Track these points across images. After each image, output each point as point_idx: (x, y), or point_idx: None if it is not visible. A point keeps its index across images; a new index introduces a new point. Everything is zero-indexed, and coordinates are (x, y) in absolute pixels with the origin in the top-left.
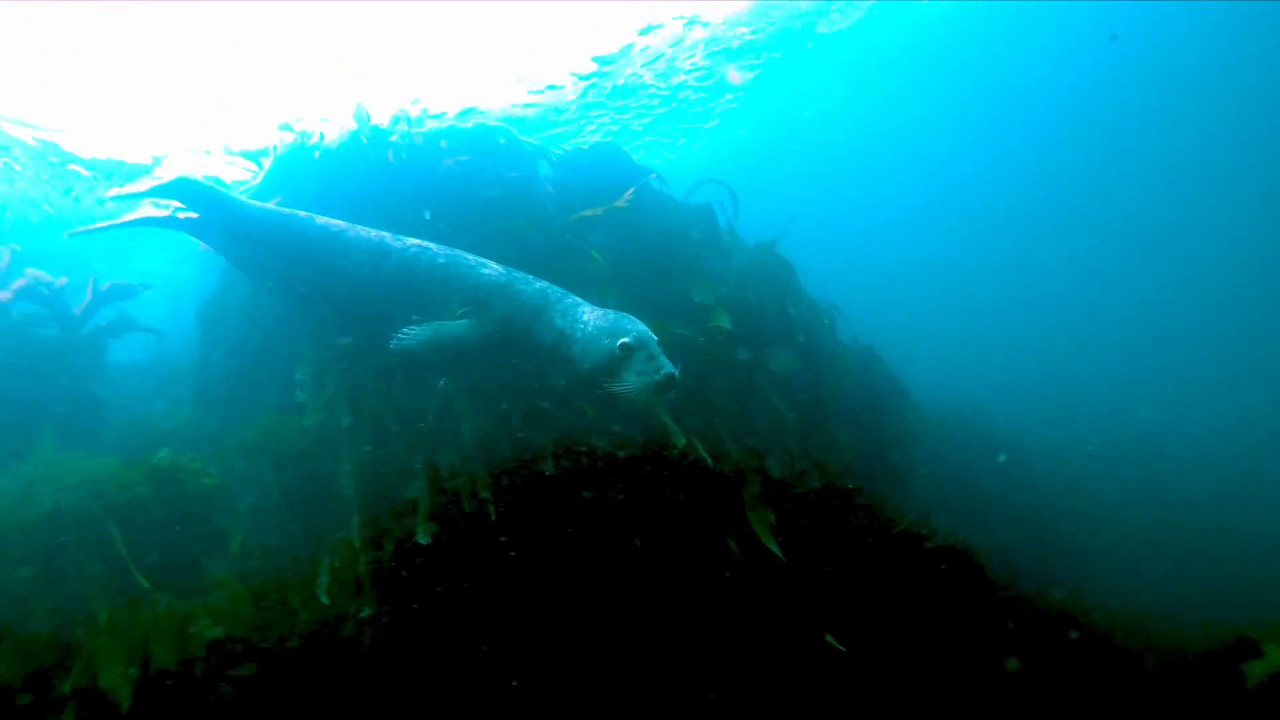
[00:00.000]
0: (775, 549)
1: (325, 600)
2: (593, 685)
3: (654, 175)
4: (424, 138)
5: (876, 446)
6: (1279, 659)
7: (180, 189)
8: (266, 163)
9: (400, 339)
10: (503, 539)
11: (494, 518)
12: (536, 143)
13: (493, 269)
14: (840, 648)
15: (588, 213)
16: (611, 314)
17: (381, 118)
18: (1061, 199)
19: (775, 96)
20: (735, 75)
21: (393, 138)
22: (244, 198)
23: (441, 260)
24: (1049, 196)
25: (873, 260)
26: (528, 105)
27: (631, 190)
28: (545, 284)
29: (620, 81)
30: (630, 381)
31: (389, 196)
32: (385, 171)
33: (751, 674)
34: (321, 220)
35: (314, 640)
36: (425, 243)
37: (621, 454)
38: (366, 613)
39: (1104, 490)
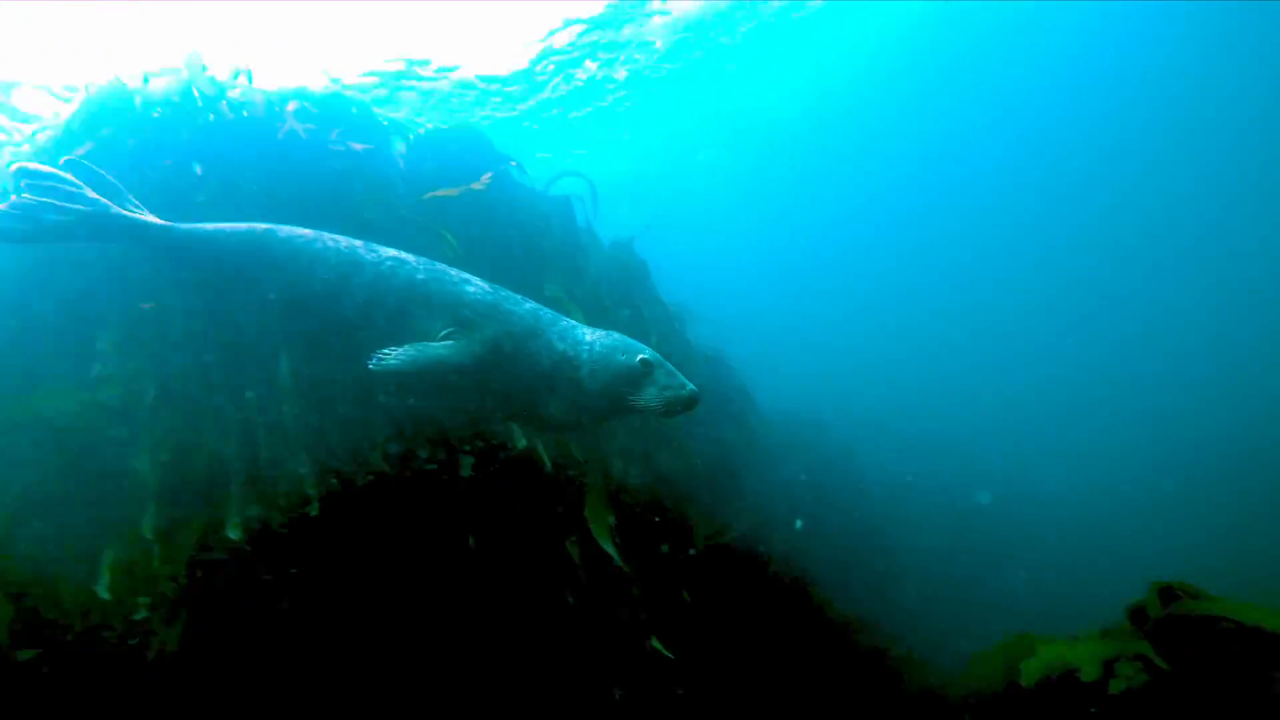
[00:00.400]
0: (613, 551)
1: (106, 596)
2: (417, 692)
3: (514, 163)
4: (267, 97)
5: (719, 452)
6: (1048, 657)
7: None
8: (71, 105)
9: (381, 358)
10: (326, 536)
11: (316, 513)
12: (394, 117)
13: (477, 286)
14: (668, 654)
15: (441, 192)
16: (614, 334)
17: (222, 72)
18: (934, 217)
19: (648, 104)
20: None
21: (232, 92)
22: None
23: (421, 276)
24: (924, 216)
25: (738, 272)
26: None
27: (489, 174)
28: (534, 304)
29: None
30: (653, 396)
31: (222, 159)
32: (220, 130)
33: (580, 677)
34: (285, 231)
35: (90, 646)
36: (402, 254)
37: (459, 452)
38: (142, 615)
39: (929, 508)
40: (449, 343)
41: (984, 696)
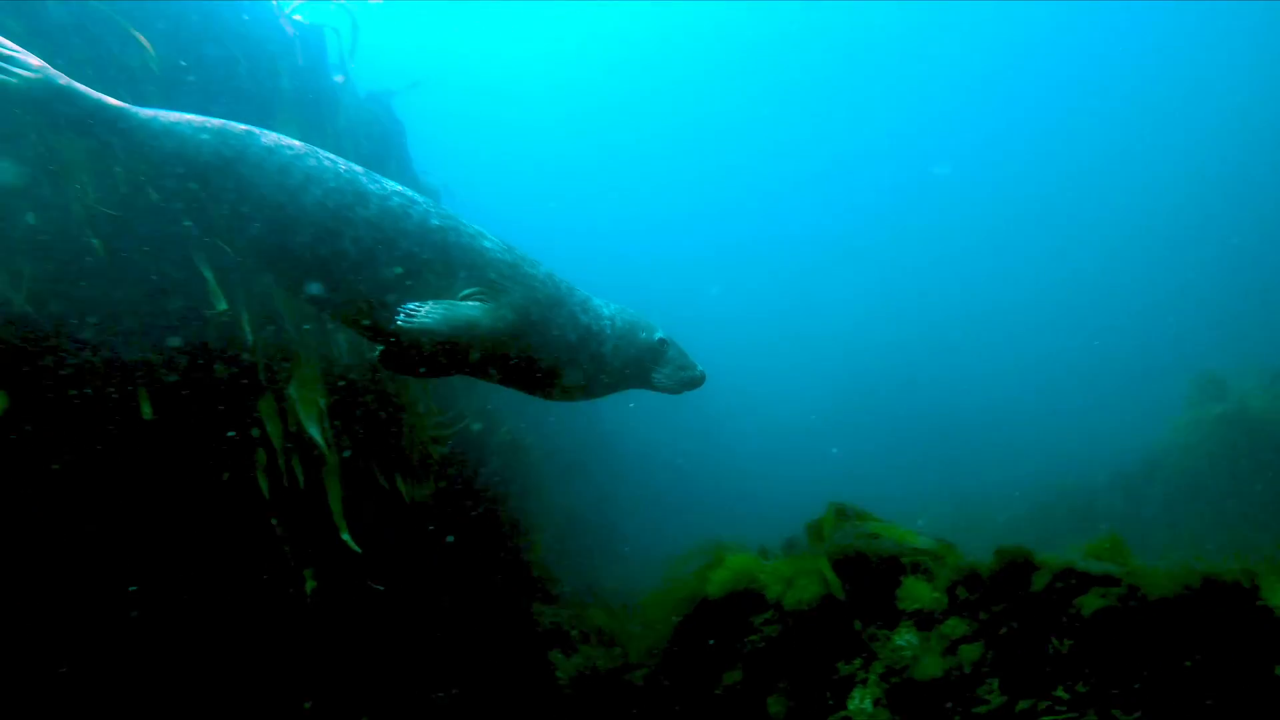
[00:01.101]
0: (318, 436)
1: None
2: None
3: None
4: None
5: None
6: (735, 567)
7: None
8: None
9: (411, 314)
10: None
11: None
12: None
13: (493, 241)
14: (356, 549)
15: None
16: (627, 307)
17: None
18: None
19: None
20: None
21: None
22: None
23: (436, 222)
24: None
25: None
26: None
27: None
28: (547, 266)
29: None
30: (668, 375)
31: None
32: None
33: (265, 571)
34: (270, 139)
35: None
36: (410, 192)
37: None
38: None
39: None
40: (478, 304)
41: (678, 604)
